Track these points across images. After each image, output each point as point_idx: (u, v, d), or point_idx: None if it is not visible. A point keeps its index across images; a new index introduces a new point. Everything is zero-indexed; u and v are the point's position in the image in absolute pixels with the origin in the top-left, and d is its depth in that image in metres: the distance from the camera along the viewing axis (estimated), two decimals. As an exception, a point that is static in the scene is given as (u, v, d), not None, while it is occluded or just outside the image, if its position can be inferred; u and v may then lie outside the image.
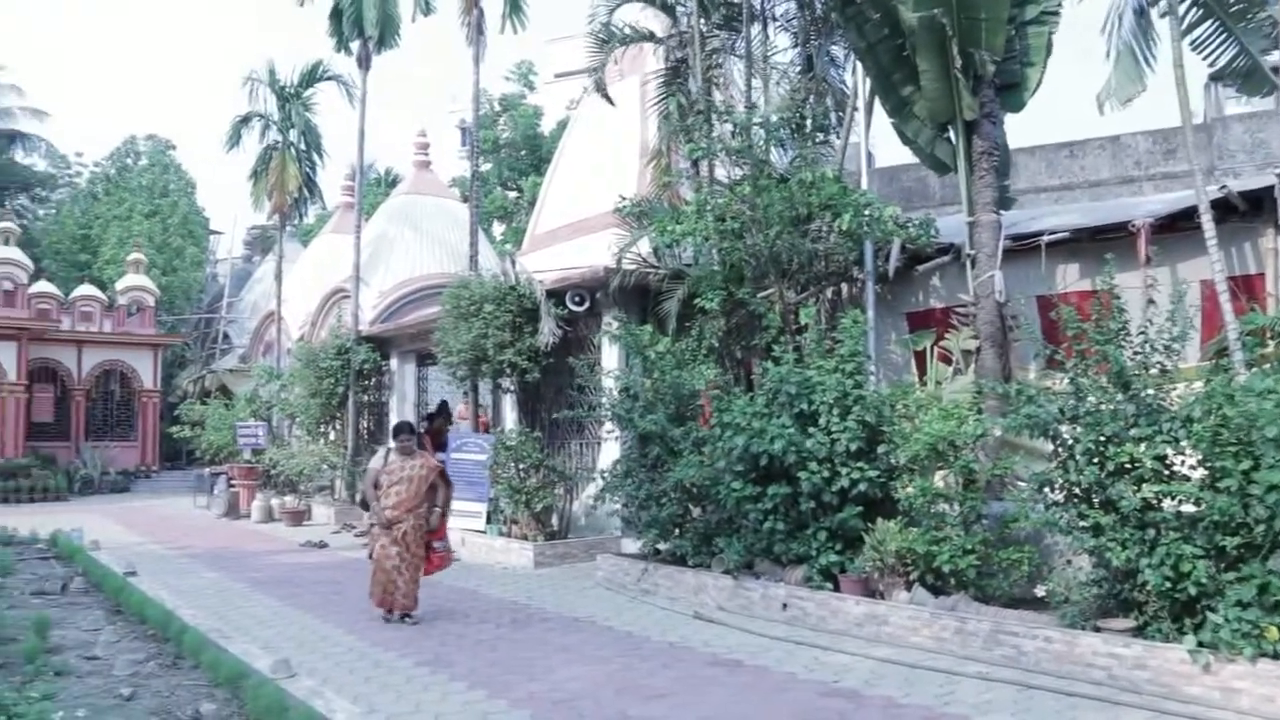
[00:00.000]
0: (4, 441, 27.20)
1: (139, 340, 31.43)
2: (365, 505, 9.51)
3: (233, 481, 22.27)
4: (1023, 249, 11.11)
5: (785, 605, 9.38)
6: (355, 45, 21.95)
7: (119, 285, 31.86)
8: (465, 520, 14.93)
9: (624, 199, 13.95)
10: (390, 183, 40.19)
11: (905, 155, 12.82)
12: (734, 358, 13.15)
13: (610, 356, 14.02)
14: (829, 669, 7.72)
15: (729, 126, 13.40)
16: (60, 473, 27.46)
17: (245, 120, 26.00)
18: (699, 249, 13.02)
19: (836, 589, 9.22)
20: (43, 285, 29.95)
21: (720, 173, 13.73)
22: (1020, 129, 32.99)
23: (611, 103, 15.39)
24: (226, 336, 35.97)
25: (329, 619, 9.92)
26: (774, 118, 13.04)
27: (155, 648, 8.10)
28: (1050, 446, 7.92)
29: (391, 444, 10.23)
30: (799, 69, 15.05)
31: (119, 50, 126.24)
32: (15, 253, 28.62)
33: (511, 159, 33.85)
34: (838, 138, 14.01)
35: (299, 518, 19.93)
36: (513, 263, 15.67)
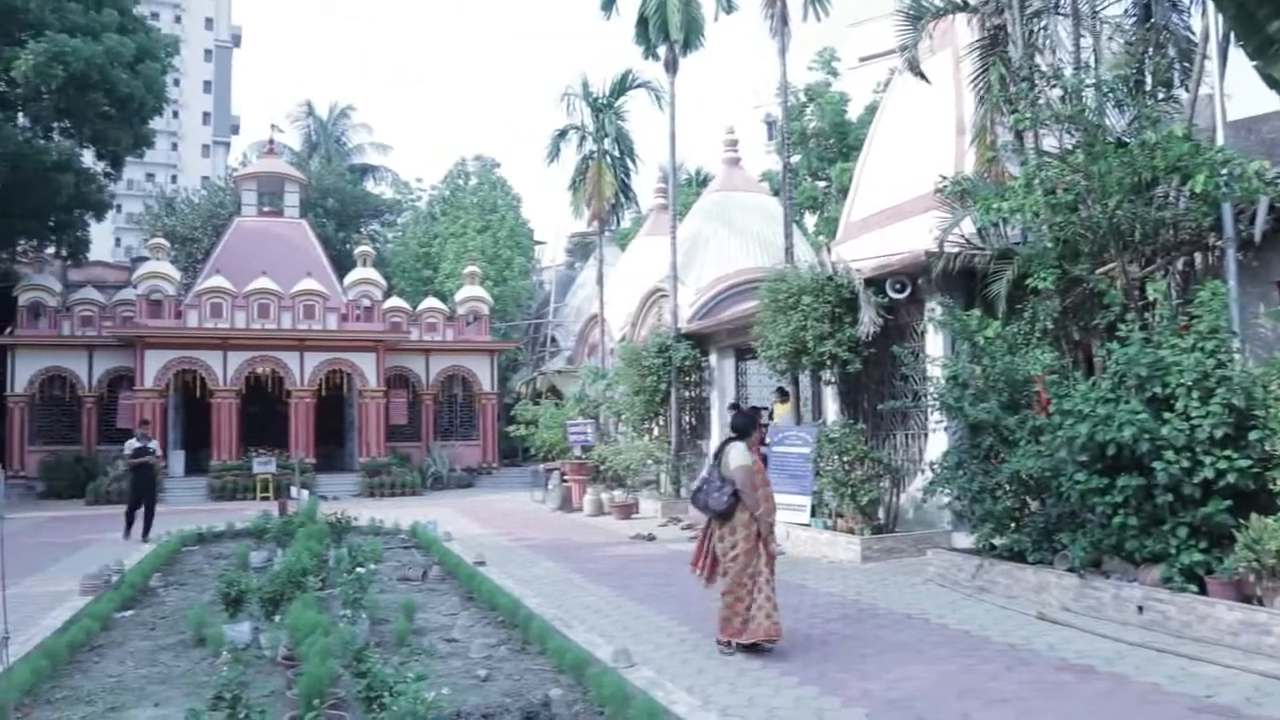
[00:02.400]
0: (368, 442, 30.19)
1: (477, 347, 33.82)
2: (729, 510, 8.11)
3: (565, 477, 23.37)
4: None
5: (1141, 608, 8.54)
6: (661, 50, 22.43)
7: (458, 297, 34.46)
8: (790, 514, 14.83)
9: (943, 179, 13.32)
10: (701, 182, 40.95)
11: (1265, 104, 11.33)
12: (1071, 340, 12.19)
13: (935, 344, 13.44)
14: (1199, 681, 6.92)
15: (1056, 92, 12.44)
16: (415, 470, 30.10)
17: (562, 134, 27.40)
18: (1028, 225, 12.19)
19: (1201, 591, 8.27)
20: (394, 300, 32.99)
21: (1049, 142, 12.76)
22: None
23: (926, 80, 14.74)
24: (554, 340, 37.98)
25: (661, 610, 10.11)
26: (1108, 76, 11.96)
27: (505, 633, 8.57)
28: None
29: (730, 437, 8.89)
30: (1134, 19, 13.73)
31: (446, 81, 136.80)
32: (371, 273, 31.70)
33: (820, 148, 33.48)
34: (1185, 91, 12.63)
35: (628, 511, 20.62)
36: (828, 252, 15.40)
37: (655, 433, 22.78)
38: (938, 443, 12.78)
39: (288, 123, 54.01)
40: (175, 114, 70.29)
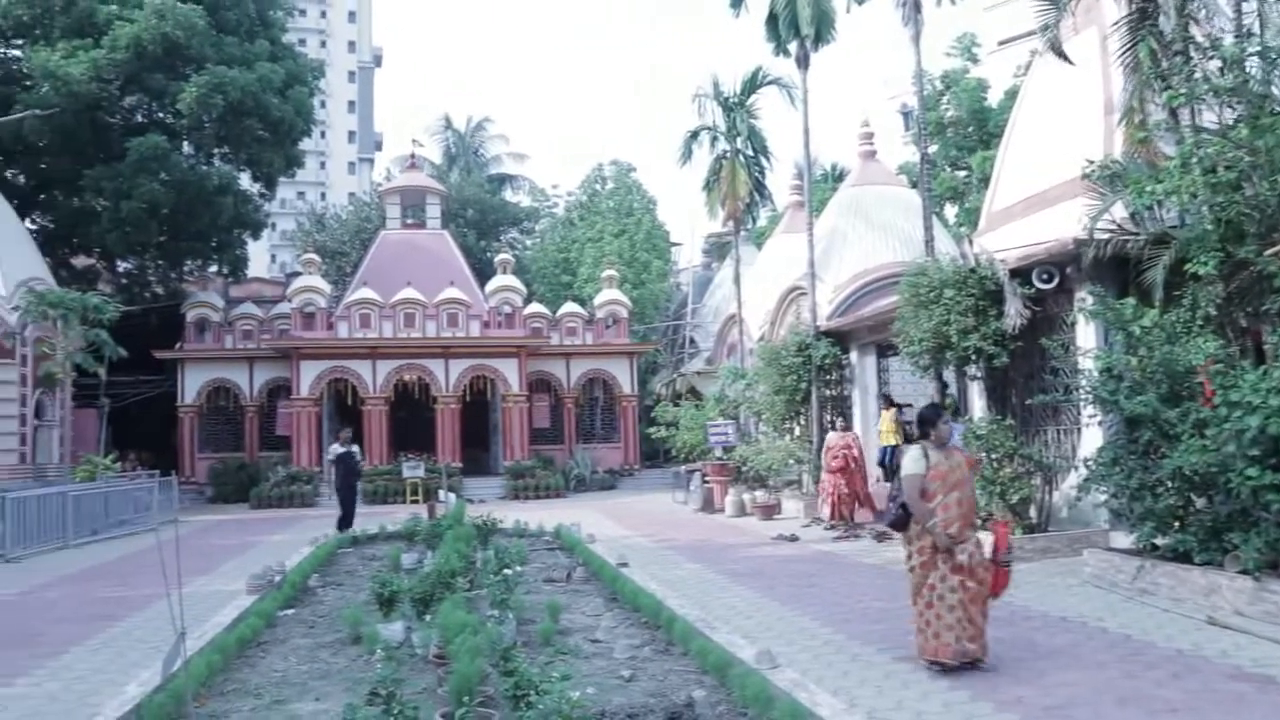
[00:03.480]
0: (512, 446, 30.84)
1: (617, 350, 34.14)
2: (901, 522, 7.54)
3: (706, 478, 23.36)
4: None
5: (1326, 612, 8.00)
6: (792, 46, 22.21)
7: (596, 301, 34.87)
8: (935, 513, 14.49)
9: (1091, 163, 12.77)
10: (837, 177, 40.42)
11: None
12: (1238, 327, 11.49)
13: (1086, 335, 12.88)
14: (1395, 693, 6.43)
15: (1214, 64, 11.77)
16: (557, 473, 30.58)
17: (695, 135, 27.43)
18: (1185, 207, 11.56)
19: (1395, 594, 7.69)
20: (535, 306, 33.61)
21: (1207, 118, 12.08)
22: None
23: (1069, 61, 14.16)
24: (693, 341, 38.03)
25: (804, 611, 10.00)
26: (1276, 43, 11.24)
27: (649, 634, 8.61)
28: None
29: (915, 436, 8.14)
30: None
31: (579, 88, 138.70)
32: (512, 280, 32.38)
33: (958, 137, 32.57)
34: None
35: (770, 511, 20.48)
36: (970, 244, 14.96)
37: (796, 432, 22.56)
38: (1091, 438, 12.26)
39: (427, 137, 55.79)
40: (323, 134, 73.30)
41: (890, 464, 18.25)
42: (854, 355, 21.03)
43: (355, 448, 19.03)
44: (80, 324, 24.68)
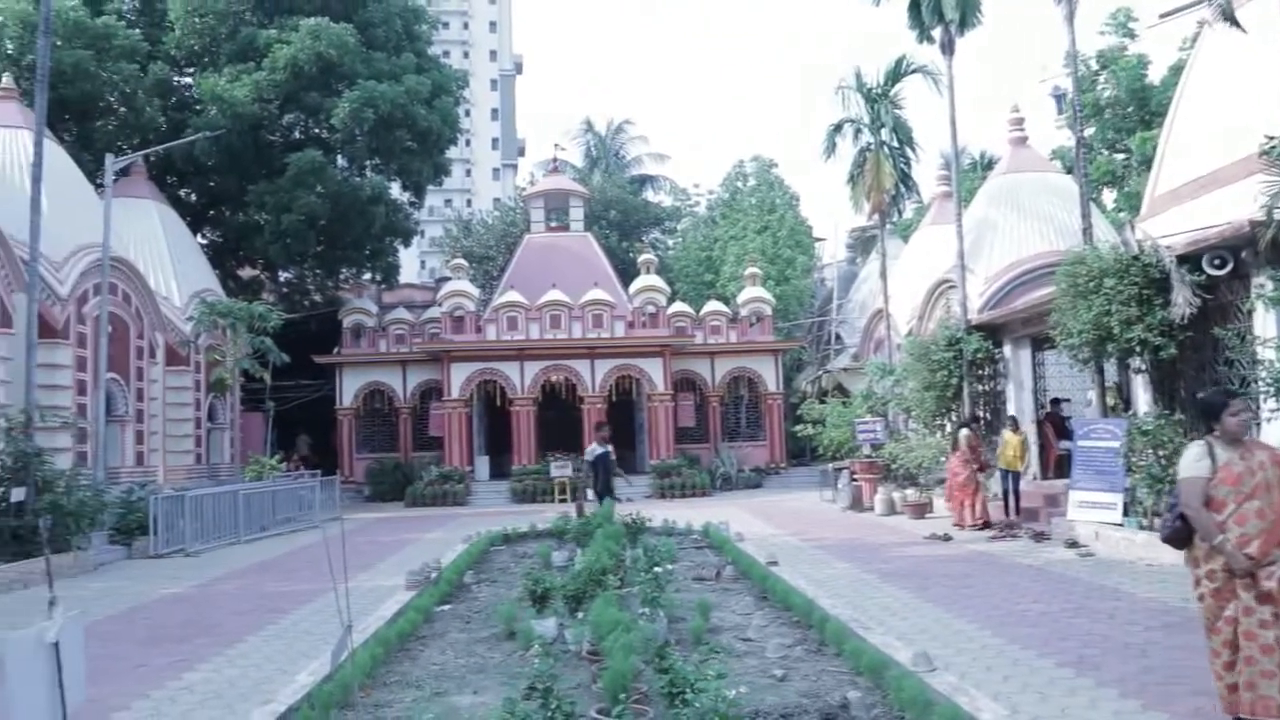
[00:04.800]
0: (657, 444, 30.99)
1: (761, 347, 33.93)
2: (1179, 537, 5.82)
3: (855, 476, 22.99)
4: None
5: None
6: (936, 32, 21.60)
7: (740, 298, 34.73)
8: (1098, 512, 13.87)
9: (1270, 139, 11.99)
10: (986, 166, 39.19)
11: None
12: None
13: (1265, 323, 12.09)
14: None
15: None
16: (703, 471, 30.55)
17: (838, 128, 27.02)
18: (1376, 183, 10.75)
19: None
20: (678, 305, 33.73)
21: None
22: None
23: (1241, 29, 13.33)
24: (838, 337, 37.50)
25: (960, 613, 9.71)
26: None
27: (800, 634, 8.49)
28: None
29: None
30: None
31: (719, 85, 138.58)
32: (655, 280, 32.55)
33: (1116, 118, 31.11)
34: None
35: (921, 510, 20.00)
36: (1132, 230, 14.26)
37: (947, 429, 21.95)
38: (1273, 433, 11.51)
39: (569, 141, 56.70)
40: (467, 142, 75.20)
41: (1014, 491, 17.52)
42: (1008, 349, 20.32)
43: (609, 448, 18.98)
44: (247, 332, 26.02)
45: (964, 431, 18.26)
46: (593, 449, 18.88)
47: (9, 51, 28.40)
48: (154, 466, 24.34)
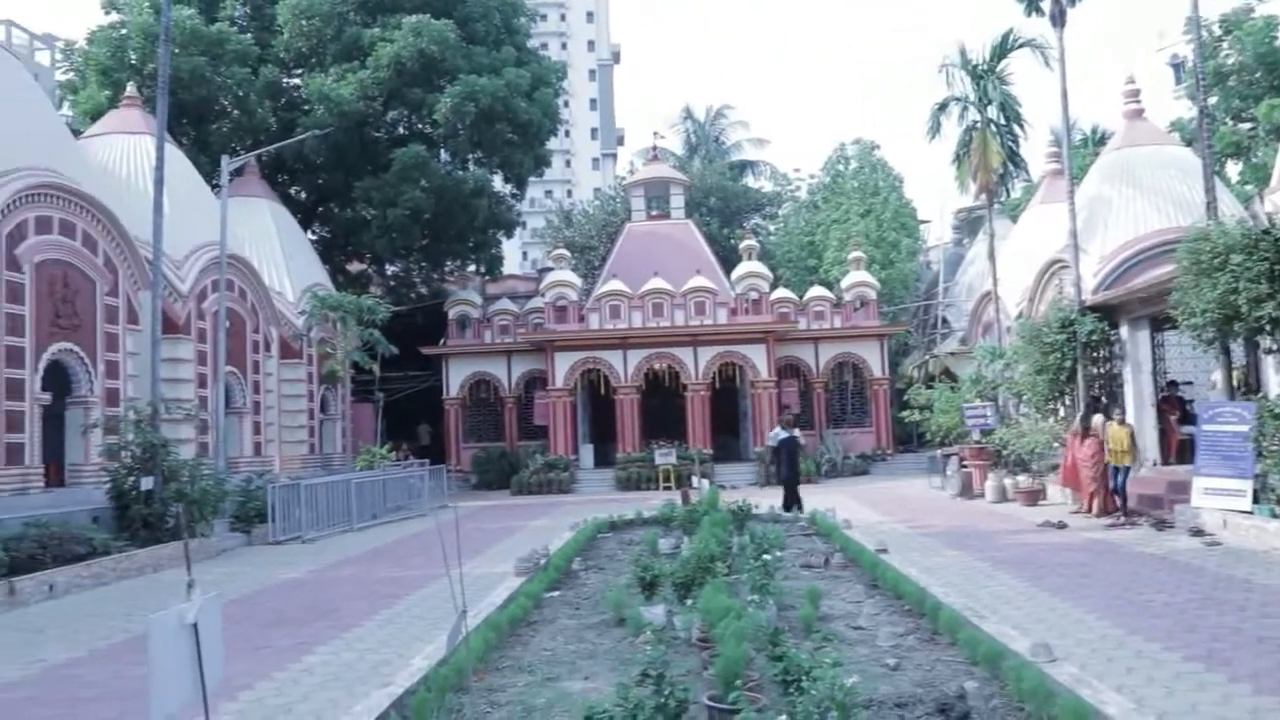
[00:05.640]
0: (762, 431, 30.66)
1: (866, 332, 33.45)
2: None
3: (964, 462, 22.53)
4: None
5: None
6: (1046, 3, 20.91)
7: (843, 283, 34.27)
8: (1225, 499, 13.31)
9: None
10: (1098, 140, 37.89)
11: None
12: None
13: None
14: None
15: None
16: (808, 458, 30.23)
17: (942, 106, 26.39)
18: None
19: None
20: (781, 291, 33.45)
21: None
22: None
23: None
24: (945, 321, 36.74)
25: (1078, 603, 9.43)
26: None
27: (912, 622, 8.35)
28: None
29: None
30: None
31: (819, 68, 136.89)
32: (757, 266, 32.32)
33: (1241, 85, 29.68)
34: None
35: (1034, 497, 19.49)
36: (1261, 202, 13.61)
37: (1060, 413, 21.32)
38: None
39: (668, 128, 56.67)
40: (567, 133, 75.72)
41: (1123, 487, 16.58)
42: (1124, 330, 19.61)
43: (798, 432, 18.12)
44: (356, 324, 26.69)
45: (1097, 417, 17.50)
46: (775, 433, 17.89)
47: (132, 61, 29.62)
48: (270, 456, 25.17)
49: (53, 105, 24.68)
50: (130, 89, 25.50)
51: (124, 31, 30.09)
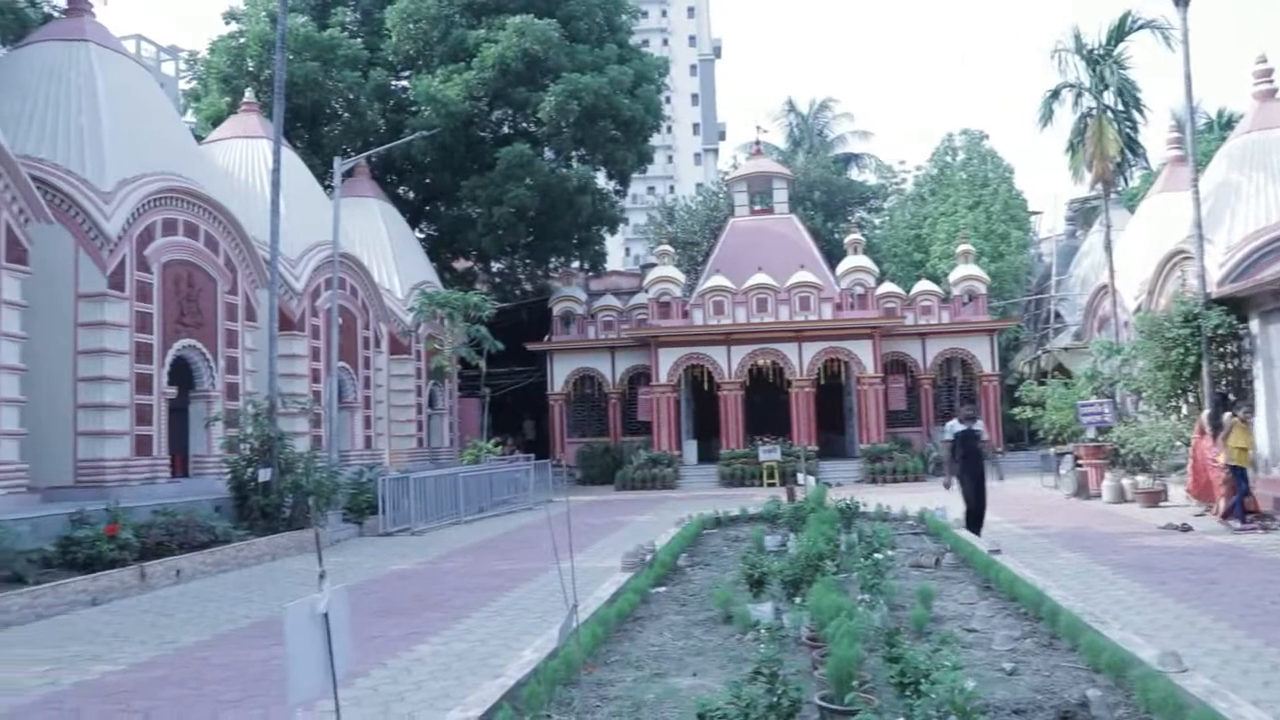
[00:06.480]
0: (868, 428, 30.36)
1: (975, 327, 32.69)
2: None
3: (1079, 461, 21.85)
4: None
5: None
6: (1174, -18, 20.10)
7: (951, 277, 33.55)
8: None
9: None
10: (1224, 125, 36.33)
11: None
12: None
13: None
14: None
15: None
16: (915, 455, 29.71)
17: (1055, 93, 25.64)
18: None
19: None
20: (887, 286, 32.92)
21: None
22: None
23: None
24: (1058, 315, 35.71)
25: (1207, 610, 9.04)
26: None
27: (1028, 626, 8.09)
28: None
29: None
30: None
31: (925, 58, 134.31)
32: (862, 260, 31.85)
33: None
34: None
35: (1154, 498, 18.78)
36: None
37: (1183, 411, 20.47)
38: None
39: (770, 122, 56.18)
40: (669, 129, 75.79)
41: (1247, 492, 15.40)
42: (1255, 324, 18.71)
43: (979, 424, 14.98)
44: (463, 321, 27.17)
45: (1227, 415, 16.64)
46: (951, 425, 14.84)
47: (250, 69, 30.69)
48: (380, 450, 25.80)
49: (178, 113, 25.72)
50: (248, 95, 26.41)
51: (242, 40, 31.22)
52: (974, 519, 14.26)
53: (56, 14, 21.26)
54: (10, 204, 15.56)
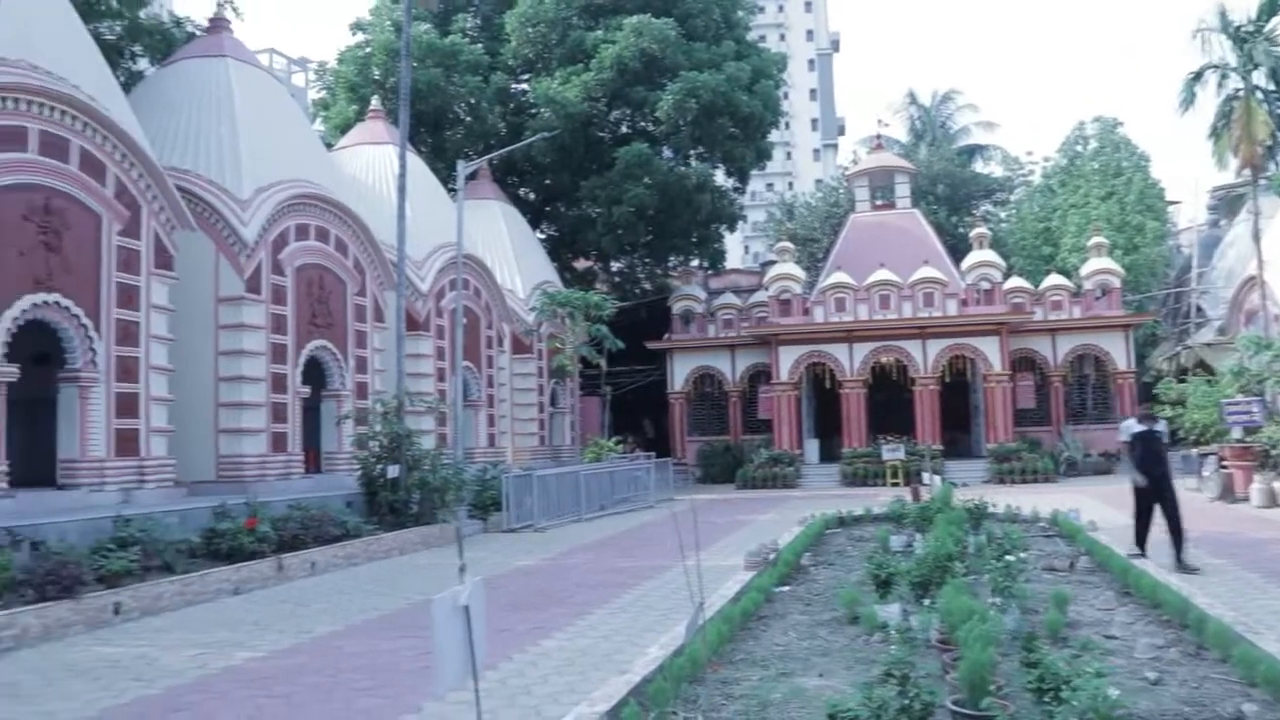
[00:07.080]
0: (995, 427, 29.51)
1: (1108, 323, 31.47)
2: None
3: (1224, 462, 20.80)
4: None
5: None
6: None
7: (1083, 271, 32.37)
8: None
9: None
10: (1388, 105, 34.11)
11: None
12: None
13: None
14: None
15: None
16: (1045, 455, 28.74)
17: (1197, 76, 24.53)
18: None
19: None
20: (1014, 281, 31.97)
21: None
22: None
23: None
24: (1199, 309, 34.12)
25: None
26: None
27: (1172, 634, 7.72)
28: None
29: None
30: None
31: (1052, 44, 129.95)
32: (989, 254, 30.99)
33: None
34: None
35: (1309, 502, 17.78)
36: None
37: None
38: None
39: (891, 115, 55.31)
40: (787, 125, 75.08)
41: None
42: None
43: (1161, 425, 13.79)
44: (584, 320, 27.43)
45: None
46: (1128, 424, 13.68)
47: (375, 77, 31.62)
48: (503, 447, 26.23)
49: (308, 122, 26.66)
50: (374, 103, 27.20)
51: (368, 50, 32.17)
52: (1143, 533, 12.73)
53: (199, 32, 22.23)
54: (158, 214, 16.36)
